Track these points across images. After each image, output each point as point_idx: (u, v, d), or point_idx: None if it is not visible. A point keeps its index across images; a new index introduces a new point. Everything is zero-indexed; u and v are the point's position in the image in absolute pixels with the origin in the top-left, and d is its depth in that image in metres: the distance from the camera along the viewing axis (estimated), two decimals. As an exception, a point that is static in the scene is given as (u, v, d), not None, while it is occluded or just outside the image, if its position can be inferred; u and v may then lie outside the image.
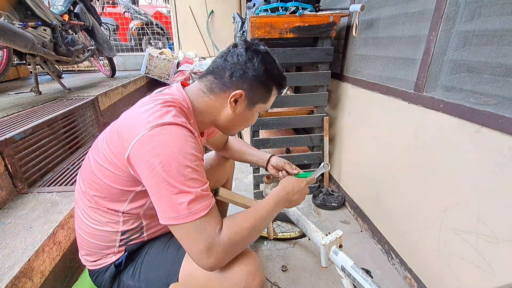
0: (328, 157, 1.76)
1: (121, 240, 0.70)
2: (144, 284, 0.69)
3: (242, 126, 0.76)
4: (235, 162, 1.18)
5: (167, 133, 0.55)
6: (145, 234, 0.73)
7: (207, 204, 0.56)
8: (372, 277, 0.74)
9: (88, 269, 0.74)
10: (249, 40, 0.72)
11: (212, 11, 3.31)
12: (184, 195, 0.53)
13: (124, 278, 0.71)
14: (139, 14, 4.77)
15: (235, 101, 0.67)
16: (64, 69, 3.45)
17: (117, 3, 5.07)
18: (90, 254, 0.72)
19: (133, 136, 0.55)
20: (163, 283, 0.68)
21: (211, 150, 1.13)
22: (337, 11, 1.42)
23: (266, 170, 1.04)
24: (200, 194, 0.54)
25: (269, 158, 1.01)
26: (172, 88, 0.70)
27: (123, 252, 0.71)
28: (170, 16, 3.96)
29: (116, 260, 0.70)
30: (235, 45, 0.68)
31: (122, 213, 0.66)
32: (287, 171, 0.97)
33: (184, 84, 0.72)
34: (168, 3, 4.76)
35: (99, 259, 0.71)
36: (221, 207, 1.20)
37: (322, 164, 0.91)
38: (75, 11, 2.22)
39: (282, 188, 0.74)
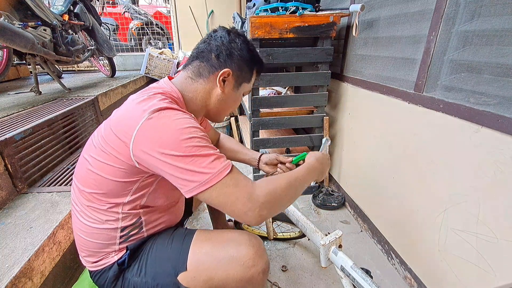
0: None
1: (121, 237, 0.70)
2: (151, 278, 0.69)
3: (230, 108, 0.78)
4: (235, 163, 1.18)
5: (165, 115, 0.56)
6: (144, 230, 0.73)
7: (228, 163, 0.57)
8: (372, 277, 0.74)
9: (90, 270, 0.74)
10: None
11: (212, 11, 3.31)
12: (204, 159, 0.54)
13: (129, 276, 0.70)
14: (139, 14, 4.77)
15: (224, 81, 0.70)
16: (64, 69, 3.45)
17: (117, 3, 5.07)
18: (90, 255, 0.71)
19: (133, 127, 0.56)
20: (171, 274, 0.69)
21: None
22: (337, 11, 1.42)
23: (258, 169, 1.04)
24: (217, 155, 0.56)
25: (260, 157, 1.02)
26: (160, 83, 0.71)
27: (125, 251, 0.71)
28: (170, 16, 3.96)
29: (118, 259, 0.70)
30: (214, 31, 0.72)
31: (123, 207, 0.66)
32: (281, 162, 0.98)
33: (170, 78, 0.73)
34: (168, 3, 4.76)
35: (100, 259, 0.71)
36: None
37: (323, 140, 0.94)
38: (75, 11, 2.22)
39: (315, 159, 0.78)
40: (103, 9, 4.66)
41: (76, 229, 0.71)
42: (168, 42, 4.79)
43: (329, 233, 0.85)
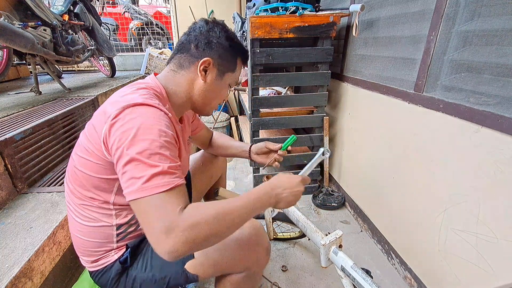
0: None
1: (117, 235, 0.69)
2: (158, 271, 0.70)
3: (215, 99, 0.76)
4: (236, 162, 1.19)
5: (137, 111, 0.55)
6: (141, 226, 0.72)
7: (172, 182, 0.51)
8: (372, 277, 0.74)
9: (90, 271, 0.74)
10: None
11: (212, 11, 3.31)
12: (146, 168, 0.50)
13: (134, 272, 0.70)
14: (139, 14, 4.77)
15: (205, 70, 0.69)
16: (64, 69, 3.45)
17: (117, 3, 5.07)
18: (90, 255, 0.71)
19: (105, 119, 0.55)
20: (178, 263, 0.69)
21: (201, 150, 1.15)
22: (337, 11, 1.42)
23: (252, 161, 1.04)
24: (165, 171, 0.51)
25: (250, 148, 1.02)
26: (146, 78, 0.71)
27: (125, 249, 0.71)
28: (170, 16, 3.96)
29: (119, 258, 0.70)
30: (194, 22, 0.72)
31: (113, 204, 0.66)
32: (270, 149, 0.97)
33: (156, 75, 0.73)
34: (168, 3, 4.76)
35: (100, 259, 0.71)
36: None
37: (320, 150, 0.78)
38: (75, 11, 2.22)
39: (268, 183, 0.65)
40: (103, 9, 4.66)
41: (73, 230, 0.71)
42: (168, 42, 4.79)
43: (329, 233, 0.85)
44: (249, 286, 0.78)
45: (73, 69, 3.55)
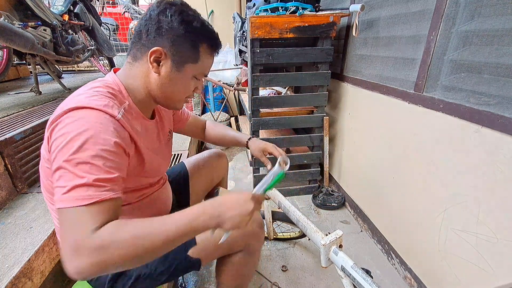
0: (328, 157, 1.76)
1: None
2: (161, 264, 0.70)
3: (179, 93, 0.65)
4: (236, 162, 1.18)
5: (77, 115, 0.50)
6: None
7: (97, 196, 0.45)
8: (372, 277, 0.74)
9: None
10: None
11: (212, 11, 3.31)
12: (72, 179, 0.45)
13: (135, 272, 0.69)
14: (139, 14, 4.76)
15: (157, 62, 0.60)
16: (64, 69, 3.45)
17: (117, 3, 5.06)
18: None
19: (49, 123, 0.53)
20: (181, 252, 0.70)
21: (203, 146, 1.13)
22: (337, 11, 1.42)
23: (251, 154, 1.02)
24: (90, 183, 0.45)
25: (248, 142, 0.99)
26: (105, 76, 0.66)
27: None
28: (170, 16, 3.96)
29: None
30: (152, 5, 0.62)
31: None
32: (269, 153, 0.95)
33: (116, 71, 0.67)
34: (168, 3, 4.75)
35: None
36: None
37: (278, 160, 0.68)
38: (75, 11, 2.22)
39: (210, 201, 0.56)
40: (103, 9, 4.66)
41: (58, 236, 0.68)
42: (168, 42, 4.78)
43: (329, 233, 0.85)
44: (249, 263, 0.81)
45: (73, 69, 3.55)
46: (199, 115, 2.77)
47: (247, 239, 0.76)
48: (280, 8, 1.42)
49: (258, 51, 1.43)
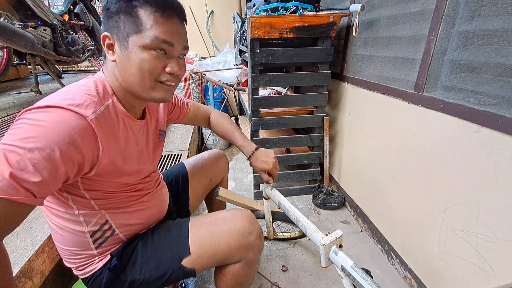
0: (328, 157, 1.76)
1: (94, 242, 0.67)
2: (155, 270, 0.70)
3: (139, 75, 0.57)
4: (236, 162, 1.18)
5: (39, 117, 0.48)
6: (117, 232, 0.69)
7: (11, 191, 0.45)
8: (372, 277, 0.74)
9: (81, 278, 0.72)
10: None
11: (212, 11, 3.31)
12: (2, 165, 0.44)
13: (129, 276, 0.69)
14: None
15: (110, 48, 0.57)
16: (64, 69, 3.45)
17: (117, 3, 5.06)
18: (74, 263, 0.69)
19: (19, 114, 0.51)
20: (174, 261, 0.70)
21: (203, 146, 1.12)
22: (337, 11, 1.42)
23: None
24: (2, 177, 0.44)
25: (250, 157, 0.96)
26: (98, 72, 0.64)
27: (109, 257, 0.69)
28: (170, 16, 3.96)
29: (106, 265, 0.68)
30: None
31: (75, 210, 0.62)
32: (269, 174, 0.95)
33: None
34: (168, 3, 4.75)
35: (84, 266, 0.69)
36: (219, 208, 1.19)
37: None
38: (75, 11, 2.22)
39: None
40: (103, 9, 4.67)
41: (53, 238, 0.69)
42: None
43: (329, 233, 0.85)
44: (248, 273, 0.80)
45: (73, 69, 3.55)
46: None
47: (245, 250, 0.74)
48: (280, 8, 1.42)
49: (258, 51, 1.43)
